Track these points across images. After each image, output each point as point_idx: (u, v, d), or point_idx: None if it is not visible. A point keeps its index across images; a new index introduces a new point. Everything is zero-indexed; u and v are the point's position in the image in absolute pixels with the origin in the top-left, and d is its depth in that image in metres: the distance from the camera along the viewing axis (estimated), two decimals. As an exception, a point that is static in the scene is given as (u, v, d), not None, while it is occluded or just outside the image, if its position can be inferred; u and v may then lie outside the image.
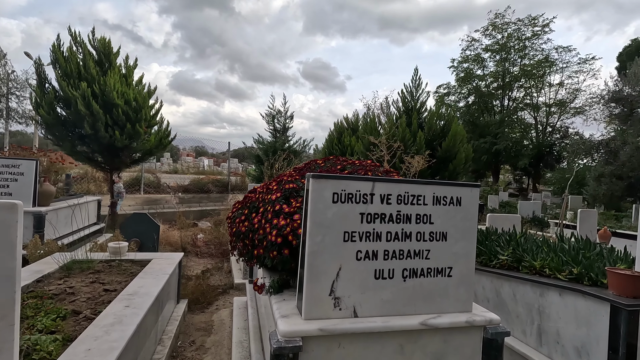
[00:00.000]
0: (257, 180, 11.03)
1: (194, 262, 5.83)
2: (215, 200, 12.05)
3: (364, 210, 1.57)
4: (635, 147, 9.67)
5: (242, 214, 2.13)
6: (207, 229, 8.60)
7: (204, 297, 4.02)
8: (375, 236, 1.59)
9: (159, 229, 4.83)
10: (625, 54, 27.00)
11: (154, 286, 2.64)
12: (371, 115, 8.91)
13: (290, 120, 11.69)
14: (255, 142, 11.61)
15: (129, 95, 7.27)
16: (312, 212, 1.50)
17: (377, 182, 1.58)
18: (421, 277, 1.65)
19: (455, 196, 1.69)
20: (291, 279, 1.94)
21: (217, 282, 4.81)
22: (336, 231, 1.54)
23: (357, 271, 1.57)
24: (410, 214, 1.63)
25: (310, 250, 1.50)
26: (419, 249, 1.65)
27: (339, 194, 1.53)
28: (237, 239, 2.13)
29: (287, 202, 1.96)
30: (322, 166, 2.44)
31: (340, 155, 14.53)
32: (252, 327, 2.73)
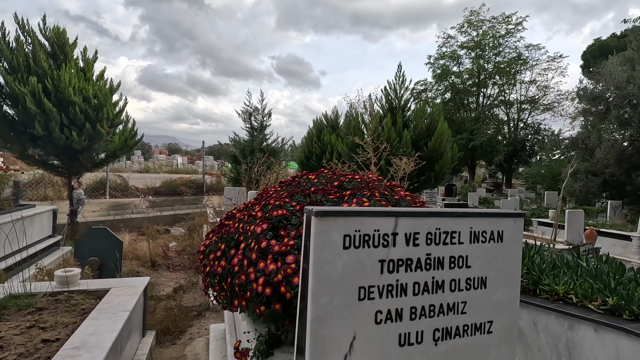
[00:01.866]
0: (234, 181, 10.45)
1: (164, 277, 5.27)
2: (190, 203, 11.37)
3: (384, 257, 1.16)
4: (610, 144, 9.83)
5: (217, 249, 1.68)
6: (180, 236, 8.00)
7: (175, 324, 3.52)
8: (399, 290, 1.19)
9: (121, 245, 4.25)
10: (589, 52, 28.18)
11: (109, 331, 2.14)
12: (354, 114, 8.55)
13: (268, 117, 11.14)
14: (231, 140, 10.99)
15: (88, 91, 6.53)
16: (316, 264, 1.08)
17: (401, 217, 1.17)
18: (456, 337, 1.27)
19: (496, 230, 1.31)
20: (283, 334, 1.51)
21: (191, 302, 4.31)
22: (348, 287, 1.12)
23: (377, 338, 1.16)
24: (443, 257, 1.24)
25: (314, 316, 1.08)
26: (453, 302, 1.26)
27: (352, 236, 1.12)
28: (211, 280, 1.68)
29: (276, 237, 1.53)
30: (315, 182, 2.02)
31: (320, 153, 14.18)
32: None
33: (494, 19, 23.90)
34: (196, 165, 34.56)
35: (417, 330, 1.21)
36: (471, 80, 25.27)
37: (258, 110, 11.00)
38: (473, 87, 25.37)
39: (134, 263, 5.42)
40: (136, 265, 5.31)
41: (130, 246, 5.82)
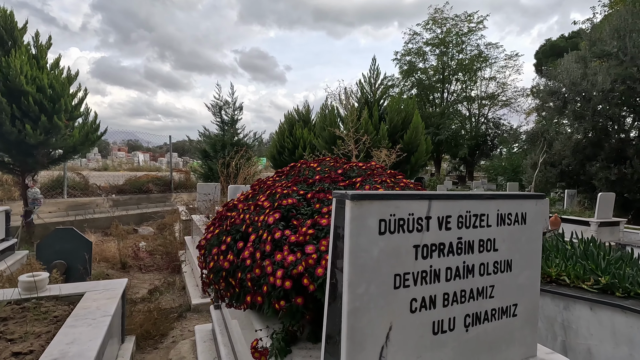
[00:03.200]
0: (205, 177, 10.07)
1: (137, 279, 4.96)
2: (157, 201, 10.82)
3: (418, 242, 1.10)
4: (567, 137, 10.51)
5: (221, 242, 1.55)
6: (149, 236, 7.59)
7: (156, 328, 3.30)
8: (432, 276, 1.13)
9: (91, 246, 3.93)
10: (541, 52, 30.04)
11: (92, 339, 1.94)
12: (330, 107, 8.50)
13: (240, 111, 10.82)
14: (200, 135, 10.57)
15: (42, 80, 5.97)
16: (352, 252, 1.00)
17: (434, 200, 1.12)
18: (485, 322, 1.25)
19: (521, 212, 1.30)
20: (299, 330, 1.42)
21: (170, 304, 4.07)
22: (385, 275, 1.05)
23: (412, 328, 1.11)
24: (473, 241, 1.20)
25: (351, 307, 1.01)
26: (482, 286, 1.23)
27: (387, 221, 1.05)
28: (216, 276, 1.55)
29: (290, 227, 1.43)
30: (318, 170, 1.93)
31: (292, 148, 14.01)
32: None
33: (457, 17, 24.75)
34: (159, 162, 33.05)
35: (449, 317, 1.17)
36: (436, 76, 26.07)
37: (228, 104, 10.65)
38: (438, 83, 26.19)
39: (103, 265, 5.05)
40: (105, 268, 4.95)
41: (97, 247, 5.42)
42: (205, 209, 5.73)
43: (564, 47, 25.34)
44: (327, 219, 1.36)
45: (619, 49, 9.41)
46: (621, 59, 9.27)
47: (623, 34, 9.39)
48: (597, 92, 9.43)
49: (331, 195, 1.55)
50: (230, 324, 2.55)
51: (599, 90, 9.42)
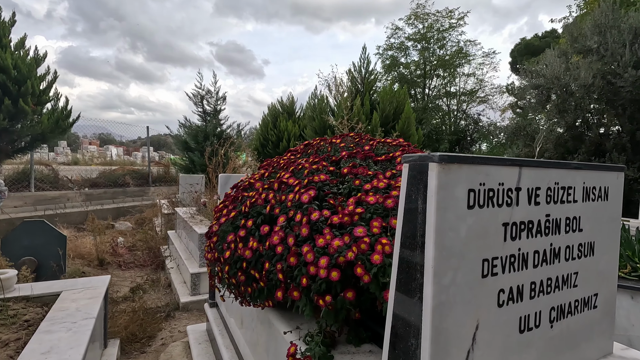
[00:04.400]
0: (186, 170, 9.59)
1: (117, 276, 4.56)
2: (134, 195, 10.25)
3: (507, 219, 0.88)
4: (549, 130, 10.69)
5: (239, 227, 1.28)
6: (127, 231, 7.12)
7: (142, 329, 2.97)
8: (521, 261, 0.92)
9: (65, 240, 3.53)
10: (516, 50, 30.86)
11: (73, 346, 1.63)
12: (319, 96, 8.24)
13: (223, 101, 10.36)
14: (181, 126, 10.05)
15: (5, 60, 5.40)
16: (439, 231, 0.77)
17: (525, 167, 0.90)
18: (568, 316, 1.05)
19: (604, 186, 1.10)
20: (336, 331, 1.18)
21: (156, 302, 3.74)
22: (472, 261, 0.83)
23: (499, 325, 0.89)
24: (560, 219, 1.00)
25: (437, 302, 0.78)
26: (567, 273, 1.03)
27: (477, 191, 0.83)
28: (232, 268, 1.29)
29: (325, 207, 1.18)
30: (343, 147, 1.68)
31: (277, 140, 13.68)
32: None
33: (438, 12, 24.92)
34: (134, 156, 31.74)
35: (535, 312, 0.96)
36: (418, 71, 26.24)
37: (211, 93, 10.19)
38: (419, 79, 26.38)
39: (78, 262, 4.61)
40: (81, 265, 4.53)
41: (71, 243, 4.96)
42: (191, 201, 5.37)
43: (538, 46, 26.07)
44: (374, 197, 1.12)
45: (599, 45, 9.62)
46: (602, 54, 9.48)
47: (604, 30, 9.59)
48: (579, 86, 9.61)
49: (371, 171, 1.32)
50: (232, 324, 2.28)
51: (580, 85, 9.60)
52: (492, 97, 28.16)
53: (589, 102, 9.96)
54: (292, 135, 12.60)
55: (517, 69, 28.66)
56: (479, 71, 27.21)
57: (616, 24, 9.44)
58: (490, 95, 28.11)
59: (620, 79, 9.03)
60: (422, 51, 25.59)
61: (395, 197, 1.11)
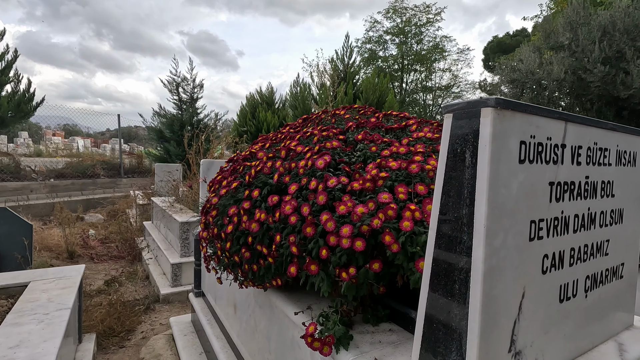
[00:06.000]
0: (161, 161, 9.19)
1: (89, 269, 4.28)
2: (105, 186, 9.74)
3: (553, 177, 0.81)
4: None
5: (242, 199, 1.15)
6: (98, 223, 6.74)
7: (120, 323, 2.77)
8: (563, 225, 0.85)
9: (31, 229, 3.23)
10: (489, 48, 31.78)
11: (47, 339, 1.45)
12: (301, 85, 8.07)
13: (200, 89, 9.97)
14: (155, 114, 9.59)
15: (-43, 35, 4.90)
16: (492, 185, 0.68)
17: (570, 122, 0.83)
18: (600, 285, 1.00)
19: (634, 151, 1.06)
20: (352, 310, 1.09)
21: (133, 295, 3.52)
22: (521, 222, 0.75)
23: (543, 294, 0.82)
24: (597, 182, 0.94)
25: (489, 265, 0.69)
26: (600, 241, 0.98)
27: (528, 144, 0.74)
28: (234, 245, 1.16)
29: (344, 174, 1.08)
30: (348, 118, 1.58)
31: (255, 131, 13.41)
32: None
33: (416, 7, 25.17)
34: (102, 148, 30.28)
35: (573, 280, 0.90)
36: (396, 65, 26.48)
37: (187, 81, 9.78)
38: (397, 73, 26.63)
39: (45, 255, 4.28)
40: (48, 258, 4.20)
41: (37, 235, 4.60)
42: (169, 190, 5.11)
43: (509, 44, 26.92)
44: (396, 162, 1.02)
45: (571, 41, 9.96)
46: (573, 50, 9.83)
47: (575, 27, 9.94)
48: (552, 81, 9.94)
49: (387, 139, 1.22)
50: (222, 313, 2.14)
51: (553, 80, 9.93)
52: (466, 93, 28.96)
53: (560, 97, 10.37)
54: (272, 126, 12.38)
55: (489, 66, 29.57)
56: (454, 67, 27.85)
57: (587, 21, 9.80)
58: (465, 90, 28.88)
59: (590, 74, 9.40)
60: (400, 45, 25.84)
61: (420, 162, 1.02)
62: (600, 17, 9.81)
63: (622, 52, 9.32)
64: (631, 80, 9.12)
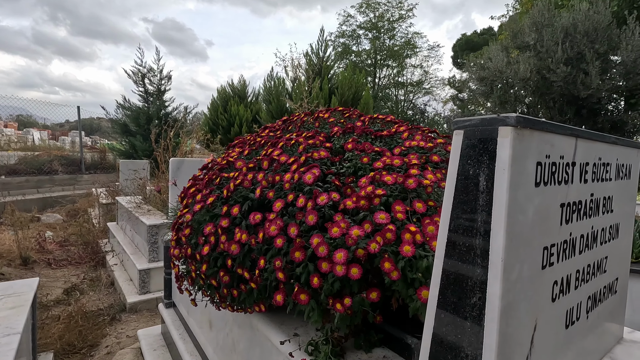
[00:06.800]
0: (126, 156, 8.70)
1: (47, 276, 3.95)
2: (64, 183, 9.12)
3: (564, 199, 0.75)
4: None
5: (219, 216, 1.03)
6: (57, 224, 6.29)
7: (81, 338, 2.56)
8: (571, 248, 0.80)
9: (-24, 237, 2.91)
10: (457, 45, 32.69)
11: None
12: (275, 78, 7.85)
13: (168, 81, 9.48)
14: (119, 107, 9.03)
15: None
16: (511, 213, 0.61)
17: (579, 138, 0.77)
18: (599, 304, 0.97)
19: (628, 164, 1.03)
20: (344, 337, 1.00)
21: (97, 305, 3.28)
22: (535, 249, 0.69)
23: (551, 323, 0.77)
24: (599, 199, 0.90)
25: (506, 302, 0.62)
26: (600, 259, 0.95)
27: (543, 165, 0.68)
28: (211, 267, 1.04)
29: (333, 188, 0.98)
30: (332, 122, 1.48)
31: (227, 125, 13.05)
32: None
33: (389, 2, 25.33)
34: (61, 141, 28.48)
35: (577, 303, 0.86)
36: (369, 60, 26.62)
37: (154, 72, 9.28)
38: (370, 67, 26.79)
39: (-6, 262, 3.91)
40: (-2, 265, 3.84)
41: (-16, 240, 4.19)
42: (135, 189, 4.81)
43: (477, 42, 27.78)
44: (391, 176, 0.94)
45: (536, 42, 10.35)
46: (538, 50, 10.22)
47: (540, 28, 10.33)
48: (518, 80, 10.31)
49: (378, 147, 1.13)
50: (195, 327, 2.00)
51: (519, 79, 10.29)
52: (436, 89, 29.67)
53: (526, 95, 10.79)
54: (245, 119, 12.07)
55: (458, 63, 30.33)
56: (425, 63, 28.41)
57: (551, 23, 10.22)
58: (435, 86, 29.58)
59: (553, 74, 9.83)
60: (373, 40, 25.98)
61: (417, 177, 0.94)
62: (562, 19, 10.25)
63: (582, 53, 9.80)
64: (590, 80, 9.62)
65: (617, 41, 9.58)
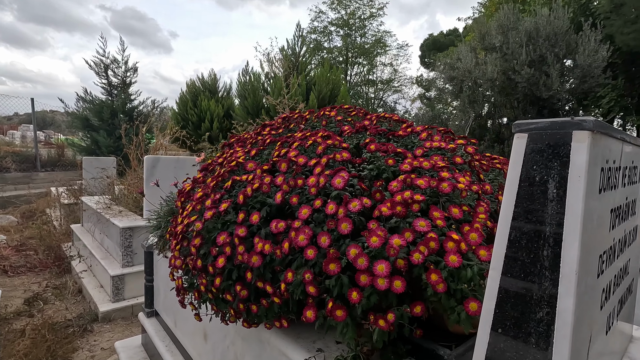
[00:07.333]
0: (88, 152, 8.15)
1: (3, 285, 3.60)
2: (18, 182, 8.40)
3: (613, 204, 0.73)
4: (460, 119, 11.79)
5: (233, 223, 0.93)
6: (12, 227, 5.78)
7: (50, 354, 2.33)
8: (614, 253, 0.79)
9: None
10: (425, 45, 33.60)
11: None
12: (250, 73, 7.60)
13: (134, 73, 8.95)
14: (79, 99, 8.42)
15: None
16: (585, 221, 0.57)
17: (625, 142, 0.76)
18: (623, 305, 0.97)
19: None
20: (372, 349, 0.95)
21: (65, 315, 3.02)
22: (595, 258, 0.66)
23: (599, 332, 0.75)
24: (631, 202, 0.90)
25: (577, 317, 0.58)
26: (627, 261, 0.95)
27: (605, 170, 0.65)
28: (226, 281, 0.94)
29: (358, 192, 0.92)
30: (340, 120, 1.41)
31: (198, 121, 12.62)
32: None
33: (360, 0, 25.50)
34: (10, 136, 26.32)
35: (613, 307, 0.85)
36: (340, 57, 26.72)
37: (118, 63, 8.73)
38: (342, 65, 26.90)
39: (-60, 272, 3.50)
40: (-55, 275, 3.44)
41: None
42: (103, 188, 4.49)
43: (443, 42, 28.66)
44: (424, 179, 0.89)
45: (502, 44, 10.79)
46: (504, 52, 10.66)
47: (506, 31, 10.77)
48: (486, 80, 10.70)
49: (400, 148, 1.08)
50: (185, 338, 1.87)
51: (487, 79, 10.69)
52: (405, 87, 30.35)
53: (492, 95, 11.25)
54: (216, 115, 11.71)
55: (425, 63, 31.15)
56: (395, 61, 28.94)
57: (515, 26, 10.69)
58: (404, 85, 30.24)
59: (518, 75, 10.30)
60: (345, 37, 26.08)
61: (450, 181, 0.89)
62: (526, 23, 10.74)
63: (544, 56, 10.33)
64: (551, 82, 10.16)
65: (575, 46, 10.19)
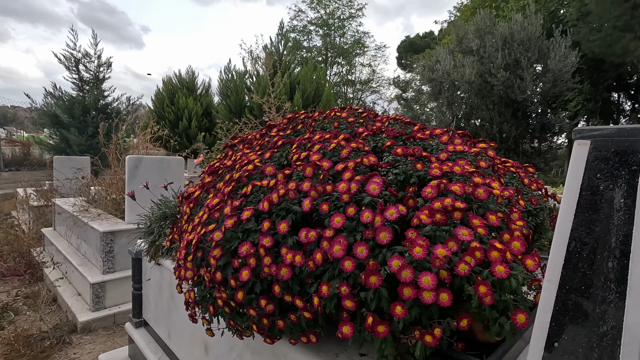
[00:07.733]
0: (57, 151, 7.71)
1: (-34, 296, 3.32)
2: (-22, 182, 7.84)
3: None
4: (440, 120, 12.05)
5: (255, 231, 0.87)
6: (-26, 231, 5.36)
7: (26, 369, 2.16)
8: None
9: None
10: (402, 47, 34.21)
11: None
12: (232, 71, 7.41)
13: (107, 68, 8.55)
14: (48, 95, 7.95)
15: None
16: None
17: None
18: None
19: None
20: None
21: (39, 326, 2.82)
22: None
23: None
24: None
25: None
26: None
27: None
28: (249, 294, 0.88)
29: (386, 198, 0.88)
30: (352, 122, 1.37)
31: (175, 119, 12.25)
32: None
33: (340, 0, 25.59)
34: (-33, 133, 24.63)
35: None
36: (320, 57, 26.71)
37: (90, 57, 8.32)
38: (322, 64, 26.90)
39: None
40: None
41: None
42: (77, 189, 4.24)
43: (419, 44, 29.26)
44: (458, 185, 0.86)
45: (479, 47, 11.10)
46: (481, 55, 10.97)
47: (483, 35, 11.09)
48: (464, 82, 10.98)
49: (425, 152, 1.04)
50: (181, 351, 1.78)
51: (465, 81, 10.97)
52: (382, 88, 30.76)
53: (469, 97, 11.56)
54: (194, 113, 11.43)
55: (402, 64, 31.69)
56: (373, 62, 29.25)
57: (492, 31, 11.03)
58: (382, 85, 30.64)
59: (494, 78, 10.63)
60: (324, 37, 26.09)
61: (486, 186, 0.86)
62: (501, 28, 11.10)
63: (519, 60, 10.72)
64: (525, 85, 10.55)
65: (547, 51, 10.63)
